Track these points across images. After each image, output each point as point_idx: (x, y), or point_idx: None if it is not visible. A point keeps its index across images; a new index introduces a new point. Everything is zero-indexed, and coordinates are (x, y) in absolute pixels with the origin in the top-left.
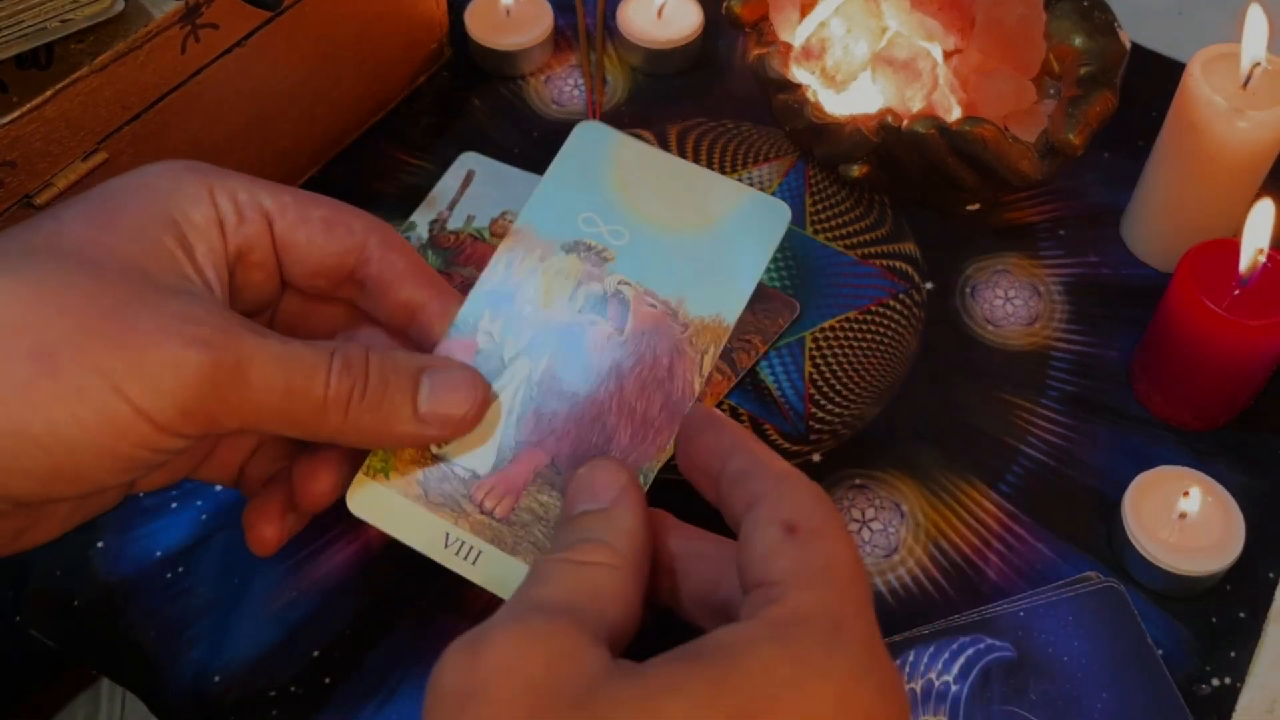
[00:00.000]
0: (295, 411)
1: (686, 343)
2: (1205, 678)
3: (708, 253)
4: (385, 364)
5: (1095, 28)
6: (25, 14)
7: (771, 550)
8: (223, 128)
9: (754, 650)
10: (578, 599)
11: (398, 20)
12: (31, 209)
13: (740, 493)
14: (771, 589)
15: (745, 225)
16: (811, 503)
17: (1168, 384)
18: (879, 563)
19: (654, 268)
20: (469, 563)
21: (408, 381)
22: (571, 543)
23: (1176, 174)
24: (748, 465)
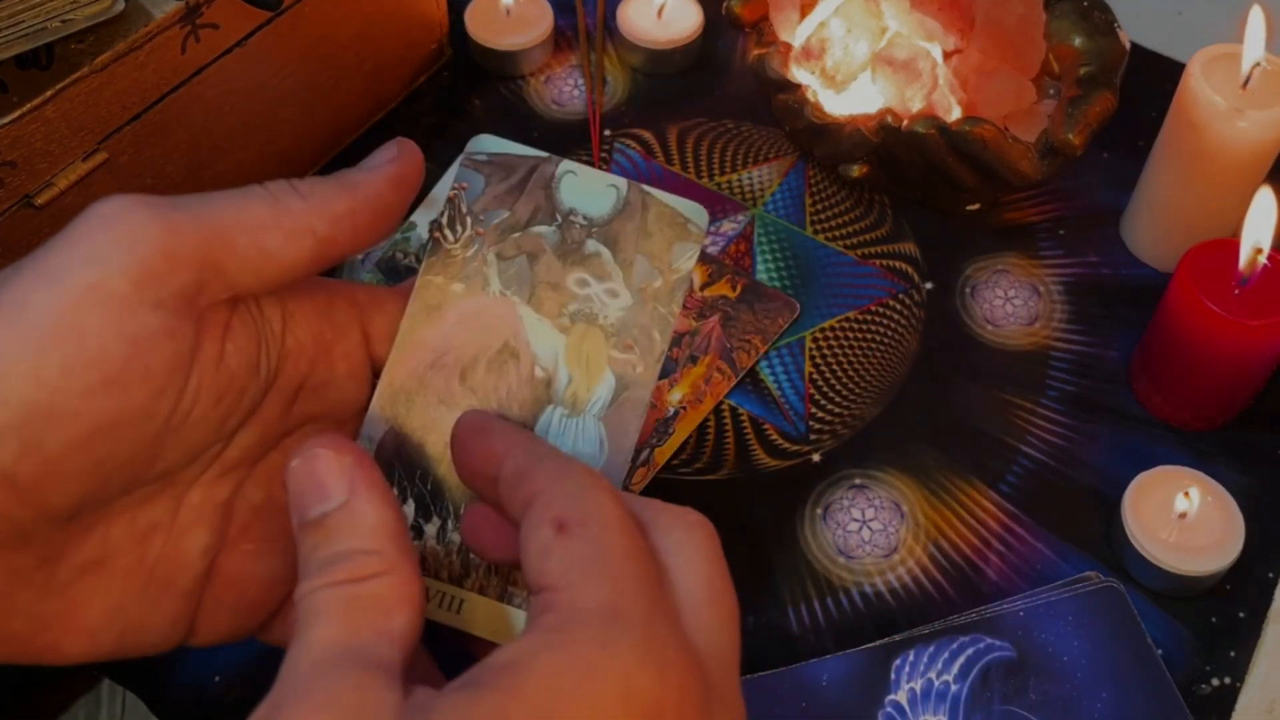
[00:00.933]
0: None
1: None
2: (1205, 678)
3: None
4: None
5: (1095, 28)
6: (25, 14)
7: (543, 551)
8: (223, 128)
9: (534, 664)
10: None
11: (398, 20)
12: (32, 209)
13: (517, 495)
14: (547, 594)
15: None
16: (582, 494)
17: (1168, 384)
18: (879, 563)
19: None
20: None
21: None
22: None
23: (1176, 174)
24: (524, 464)
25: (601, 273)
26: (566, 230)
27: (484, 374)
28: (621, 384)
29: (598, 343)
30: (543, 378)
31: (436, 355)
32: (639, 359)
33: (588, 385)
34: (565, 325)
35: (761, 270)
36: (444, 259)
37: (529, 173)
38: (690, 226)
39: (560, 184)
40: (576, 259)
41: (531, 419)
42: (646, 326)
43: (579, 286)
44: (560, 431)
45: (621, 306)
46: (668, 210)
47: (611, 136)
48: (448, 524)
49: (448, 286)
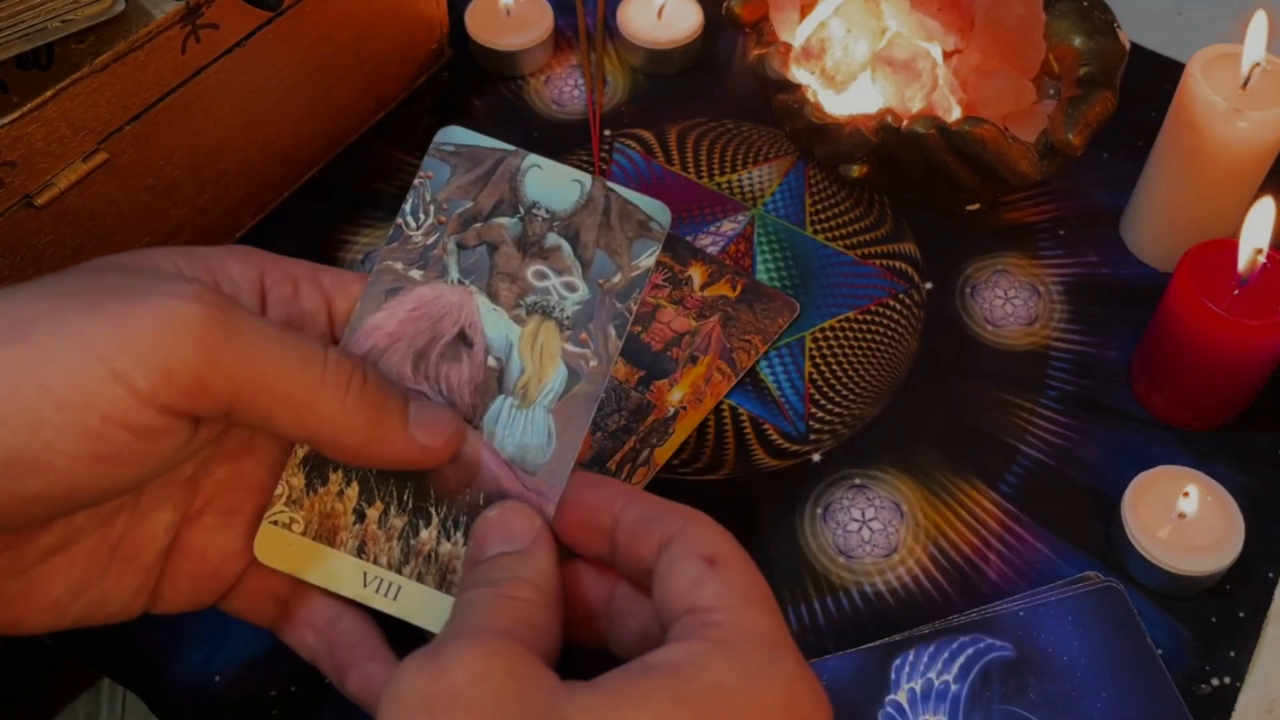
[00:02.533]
0: (289, 386)
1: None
2: (1205, 677)
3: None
4: (380, 374)
5: (1095, 28)
6: (26, 14)
7: (696, 580)
8: (223, 128)
9: (706, 664)
10: (517, 624)
11: (398, 20)
12: (32, 209)
13: (647, 536)
14: (705, 614)
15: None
16: (721, 536)
17: (1167, 384)
18: (879, 562)
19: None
20: (390, 599)
21: (400, 397)
22: (497, 580)
23: (1176, 174)
24: (651, 511)
25: (561, 265)
26: (529, 223)
27: (436, 361)
28: (574, 377)
29: (552, 335)
30: (495, 368)
31: (390, 340)
32: (593, 354)
33: (539, 377)
34: (521, 316)
35: (761, 270)
36: (404, 245)
37: (495, 165)
38: (652, 224)
39: (525, 177)
40: (536, 251)
41: (482, 407)
42: (603, 321)
43: (537, 279)
44: (509, 422)
45: (579, 300)
46: (630, 207)
47: (611, 136)
48: (390, 509)
49: (406, 272)
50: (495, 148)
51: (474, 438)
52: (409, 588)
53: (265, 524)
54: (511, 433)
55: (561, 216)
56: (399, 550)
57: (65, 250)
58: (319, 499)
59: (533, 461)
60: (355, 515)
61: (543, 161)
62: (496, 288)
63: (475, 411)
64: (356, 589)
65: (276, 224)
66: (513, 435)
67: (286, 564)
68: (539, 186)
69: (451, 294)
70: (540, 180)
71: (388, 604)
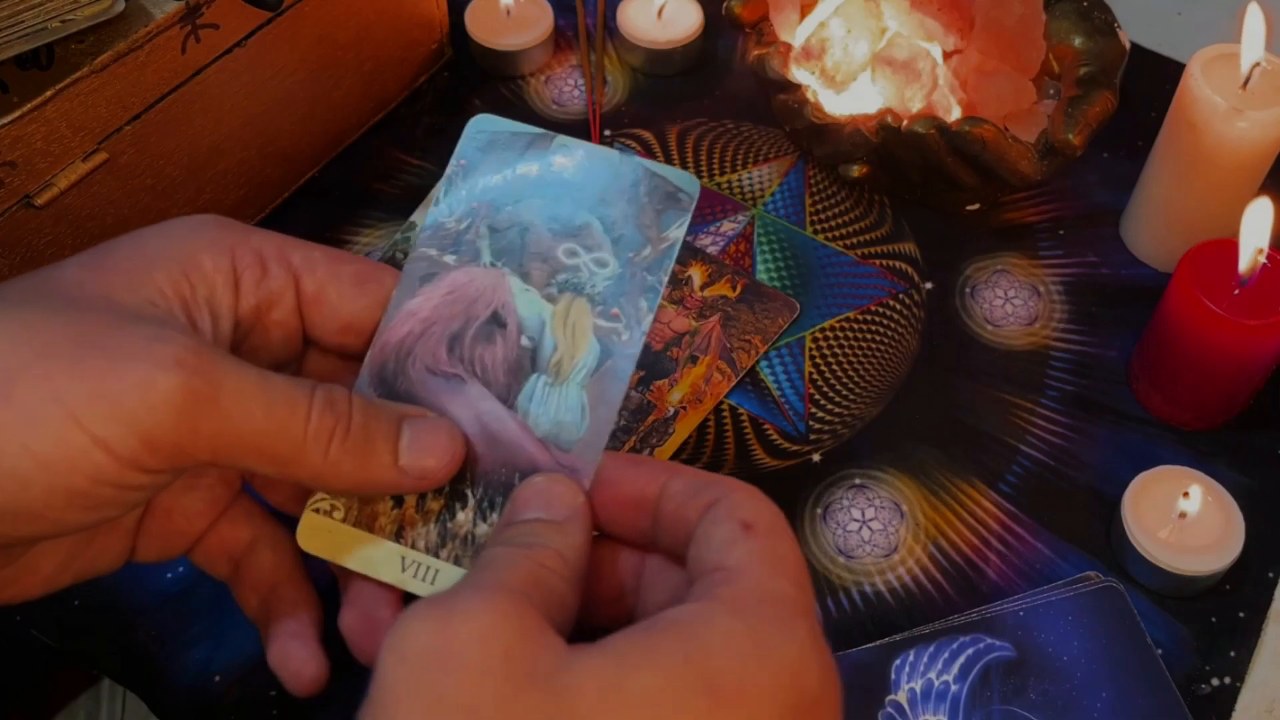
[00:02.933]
0: (272, 445)
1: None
2: (1205, 677)
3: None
4: (369, 407)
5: (1095, 28)
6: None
7: (728, 542)
8: (223, 128)
9: (717, 623)
10: (535, 589)
11: (398, 20)
12: (32, 209)
13: (694, 502)
14: (727, 573)
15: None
16: (764, 506)
17: (1167, 384)
18: (879, 562)
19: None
20: (428, 583)
21: (390, 428)
22: (526, 541)
23: (1176, 174)
24: (696, 481)
25: (591, 242)
26: (559, 203)
27: (471, 343)
28: (605, 352)
29: (583, 312)
30: (529, 346)
31: (426, 325)
32: (624, 327)
33: (572, 354)
34: (553, 295)
35: (761, 270)
36: (438, 231)
37: (525, 149)
38: (680, 195)
39: (555, 157)
40: (568, 230)
41: (517, 386)
42: (633, 295)
43: (568, 257)
44: (543, 399)
45: (609, 275)
46: (658, 179)
47: (611, 136)
48: (425, 494)
49: (441, 258)
50: (525, 132)
51: (508, 417)
52: (445, 571)
53: (307, 512)
54: (546, 410)
55: (592, 195)
56: (436, 534)
57: (65, 250)
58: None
59: (567, 438)
60: (394, 500)
61: (571, 142)
62: (529, 268)
63: (510, 391)
64: (395, 574)
65: (276, 224)
66: (547, 413)
67: (327, 551)
68: (569, 166)
69: (485, 276)
70: (570, 160)
71: (426, 588)
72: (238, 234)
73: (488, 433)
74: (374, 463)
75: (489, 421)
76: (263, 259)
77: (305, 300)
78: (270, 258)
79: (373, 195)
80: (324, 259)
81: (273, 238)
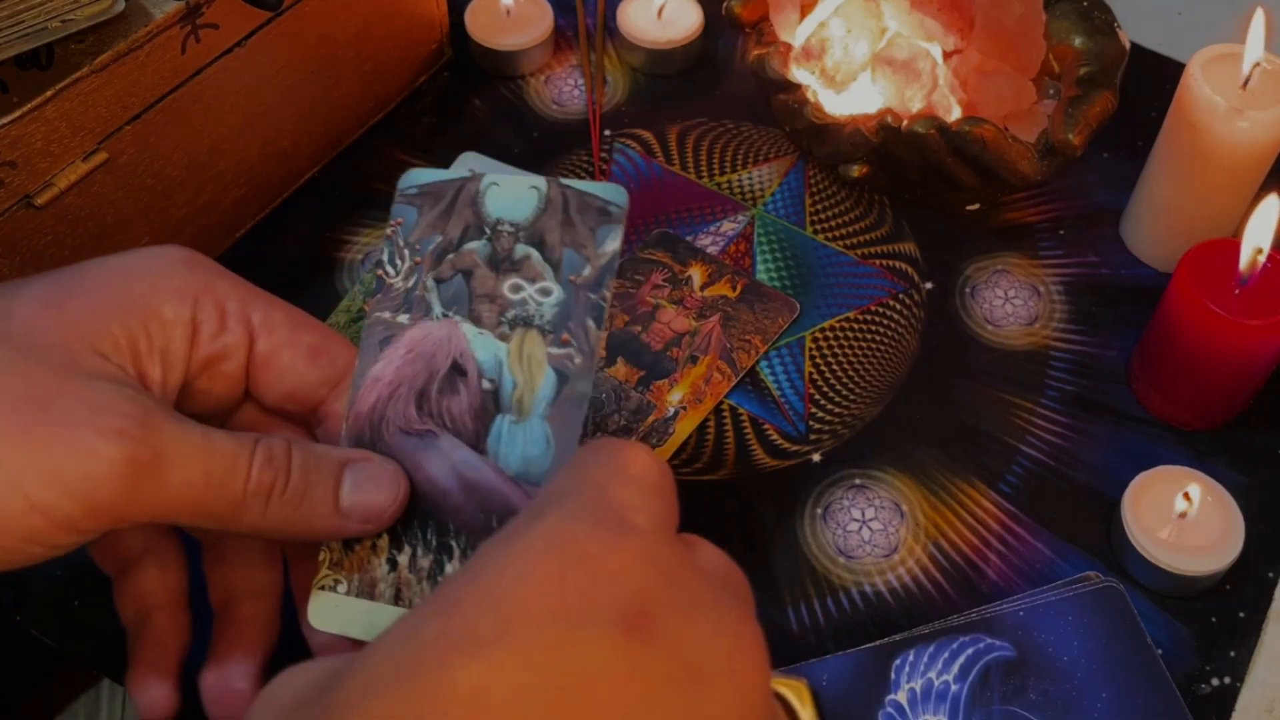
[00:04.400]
0: (211, 506)
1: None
2: (1205, 677)
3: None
4: (308, 458)
5: (1095, 28)
6: (26, 14)
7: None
8: (223, 128)
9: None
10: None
11: (398, 20)
12: (32, 209)
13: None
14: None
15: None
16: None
17: (1167, 384)
18: (879, 563)
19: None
20: None
21: (329, 476)
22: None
23: (1176, 174)
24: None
25: (533, 274)
26: (496, 240)
27: (437, 396)
28: (562, 378)
29: (536, 343)
30: (490, 389)
31: (393, 388)
32: (576, 350)
33: (531, 387)
34: (505, 333)
35: (761, 270)
36: (388, 294)
37: (456, 194)
38: (611, 208)
39: (485, 197)
40: (508, 266)
41: (484, 430)
42: (580, 316)
43: (513, 292)
44: (510, 437)
45: (555, 303)
46: (588, 197)
47: (611, 136)
48: (417, 551)
49: (395, 319)
50: (454, 178)
51: (481, 463)
52: None
53: (315, 592)
54: (512, 448)
55: (525, 226)
56: (430, 590)
57: (65, 250)
58: (356, 556)
59: (536, 472)
60: (389, 564)
61: (499, 178)
62: (478, 311)
63: (478, 436)
64: None
65: (276, 224)
66: (514, 450)
67: (337, 625)
68: (499, 202)
69: (438, 329)
70: (499, 196)
71: None
72: (202, 279)
73: (464, 481)
74: (313, 513)
75: (464, 470)
76: (223, 312)
77: (255, 362)
78: (230, 313)
79: (373, 195)
80: (284, 323)
81: (237, 288)
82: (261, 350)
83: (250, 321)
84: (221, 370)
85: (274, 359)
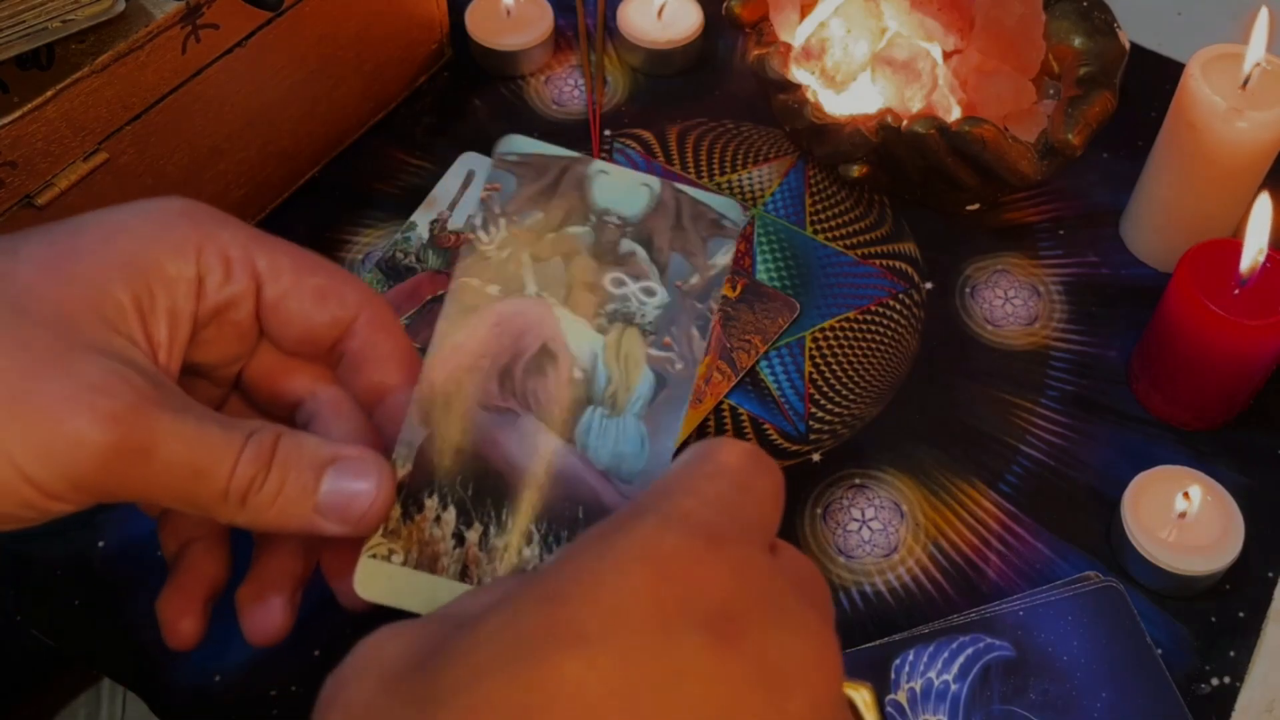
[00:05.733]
0: (193, 496)
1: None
2: (1204, 677)
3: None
4: (290, 455)
5: (1095, 28)
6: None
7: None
8: (223, 128)
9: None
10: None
11: (398, 20)
12: (33, 209)
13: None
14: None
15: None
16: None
17: (1167, 384)
18: (879, 562)
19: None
20: None
21: (310, 476)
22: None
23: (1176, 174)
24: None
25: (637, 271)
26: (601, 231)
27: (522, 376)
28: (661, 381)
29: (635, 342)
30: (582, 379)
31: (474, 359)
32: (678, 357)
33: (627, 385)
34: (603, 325)
35: (761, 270)
36: (479, 260)
37: (561, 173)
38: (725, 222)
39: (593, 184)
40: (612, 259)
41: (573, 420)
42: (685, 324)
43: (615, 286)
44: (601, 431)
45: (659, 305)
46: (701, 207)
47: (611, 136)
48: (489, 529)
49: (484, 289)
50: (560, 155)
51: (568, 451)
52: None
53: (364, 558)
54: (604, 442)
55: (633, 222)
56: (503, 570)
57: None
58: (415, 527)
59: (628, 470)
60: (455, 539)
61: (609, 168)
62: (575, 298)
63: (566, 424)
64: None
65: (277, 224)
66: (605, 445)
67: (388, 596)
68: (607, 193)
69: (531, 308)
70: (608, 186)
71: None
72: (205, 230)
73: (549, 468)
74: (288, 512)
75: (549, 456)
76: (228, 261)
77: (264, 307)
78: (235, 260)
79: (373, 195)
80: (290, 267)
81: (240, 234)
82: (269, 296)
83: (256, 268)
84: (230, 319)
85: (282, 305)
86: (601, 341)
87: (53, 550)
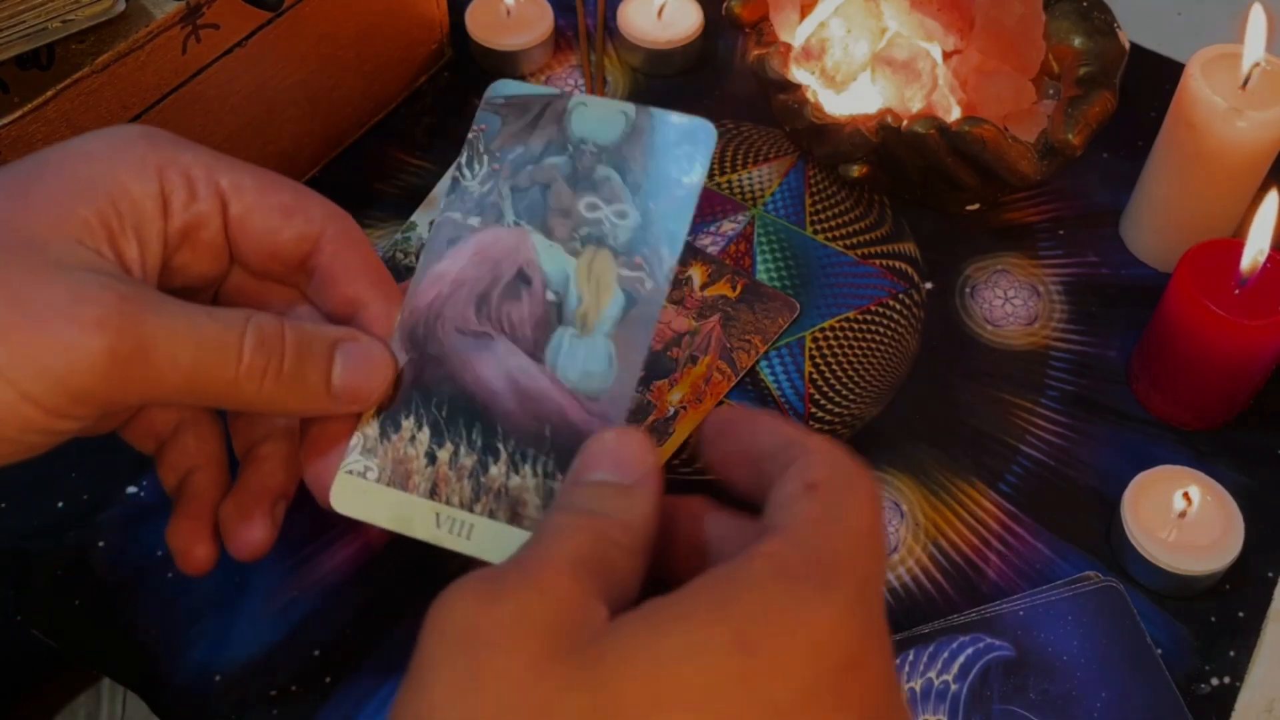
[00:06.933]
0: (204, 388)
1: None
2: (1204, 677)
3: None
4: (301, 338)
5: (1095, 28)
6: (27, 14)
7: (787, 501)
8: (223, 128)
9: (755, 582)
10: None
11: (398, 20)
12: None
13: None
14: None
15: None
16: (836, 465)
17: (1167, 384)
18: None
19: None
20: (463, 538)
21: (323, 357)
22: (590, 508)
23: (1176, 174)
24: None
25: (611, 195)
26: (578, 159)
27: (498, 301)
28: (630, 301)
29: (606, 263)
30: (554, 301)
31: (454, 287)
32: (648, 275)
33: (597, 305)
34: (576, 249)
35: (761, 270)
36: (462, 196)
37: (542, 109)
38: (698, 137)
39: (571, 115)
40: (587, 185)
41: (544, 340)
42: (655, 243)
43: (589, 210)
44: (571, 351)
45: (630, 227)
46: (672, 126)
47: None
48: (459, 449)
49: (465, 221)
50: (543, 94)
51: (537, 370)
52: (481, 525)
53: (341, 474)
54: (573, 362)
55: (609, 148)
56: (470, 488)
57: None
58: (392, 446)
59: (595, 388)
60: (427, 458)
61: (588, 99)
62: (551, 224)
63: (537, 345)
64: (430, 531)
65: None
66: (574, 364)
67: (362, 511)
68: (585, 123)
69: (509, 236)
70: (586, 116)
71: (461, 543)
72: (165, 151)
73: (518, 387)
74: (307, 391)
75: (518, 375)
76: (190, 180)
77: (231, 225)
78: (198, 180)
79: (373, 195)
80: (253, 185)
81: (201, 155)
82: (235, 213)
83: (220, 187)
84: (200, 239)
85: (248, 221)
86: (574, 264)
87: (53, 550)
